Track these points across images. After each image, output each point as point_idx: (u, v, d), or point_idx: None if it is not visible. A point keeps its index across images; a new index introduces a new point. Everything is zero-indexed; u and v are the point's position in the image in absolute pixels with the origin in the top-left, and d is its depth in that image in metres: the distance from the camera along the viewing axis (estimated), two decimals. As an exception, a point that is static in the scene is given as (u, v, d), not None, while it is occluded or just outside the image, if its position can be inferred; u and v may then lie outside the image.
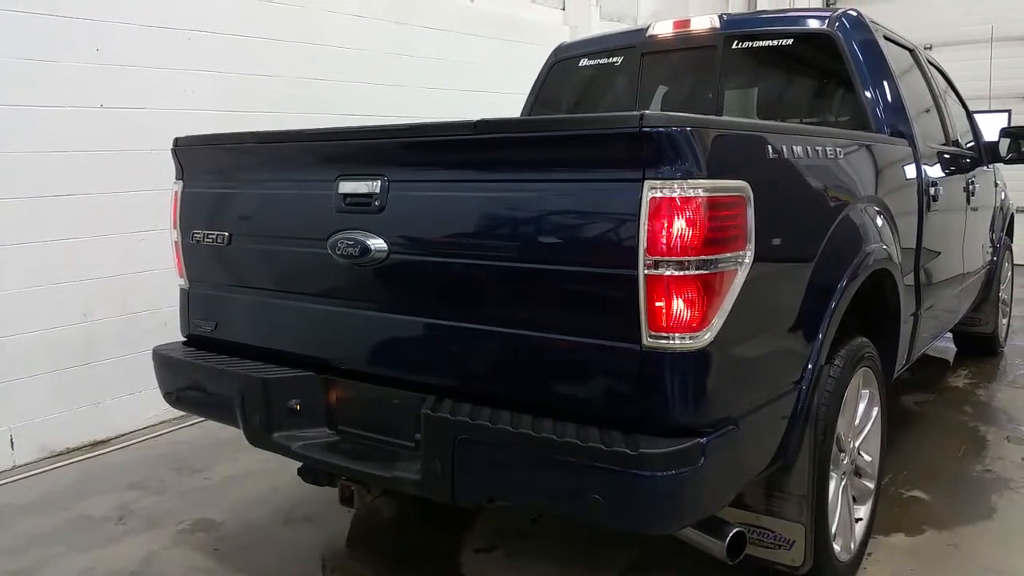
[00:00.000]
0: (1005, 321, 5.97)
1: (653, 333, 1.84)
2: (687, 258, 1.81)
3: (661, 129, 1.79)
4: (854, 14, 3.55)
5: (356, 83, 5.72)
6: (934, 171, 3.61)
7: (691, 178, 1.81)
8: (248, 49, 5.01)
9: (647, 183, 1.82)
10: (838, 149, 2.54)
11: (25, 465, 4.05)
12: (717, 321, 1.88)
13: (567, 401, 2.00)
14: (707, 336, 1.85)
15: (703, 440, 1.84)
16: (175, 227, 2.89)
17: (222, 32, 4.88)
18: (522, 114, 4.54)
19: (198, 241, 2.80)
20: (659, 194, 1.81)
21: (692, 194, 1.81)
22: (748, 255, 1.95)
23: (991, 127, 10.02)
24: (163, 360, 2.88)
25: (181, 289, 2.96)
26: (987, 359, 5.65)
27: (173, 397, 2.87)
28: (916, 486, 3.54)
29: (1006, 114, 10.25)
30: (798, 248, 2.28)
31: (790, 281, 2.25)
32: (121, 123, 4.41)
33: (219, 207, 2.77)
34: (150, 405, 4.31)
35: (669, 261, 1.81)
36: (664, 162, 1.81)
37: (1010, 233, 5.87)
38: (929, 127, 3.94)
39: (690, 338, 1.84)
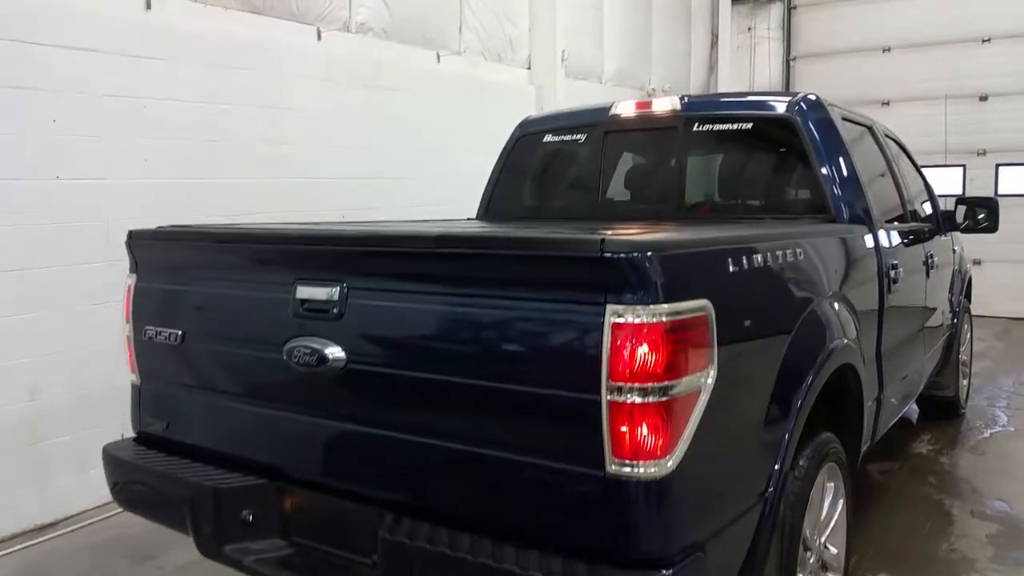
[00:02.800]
0: (965, 382, 6.04)
1: (617, 460, 1.80)
2: (650, 384, 1.79)
3: (622, 255, 1.78)
4: (813, 98, 3.60)
5: (323, 146, 5.69)
6: (893, 253, 3.64)
7: (653, 303, 1.79)
8: (210, 116, 4.95)
9: (609, 308, 1.80)
10: (798, 250, 2.55)
11: (-37, 555, 3.88)
12: (682, 446, 1.85)
13: (530, 525, 1.95)
14: (671, 463, 1.82)
15: (669, 572, 1.80)
16: (127, 321, 2.81)
17: (183, 99, 4.81)
18: (489, 181, 4.54)
19: (151, 338, 2.72)
20: (621, 320, 1.78)
21: (654, 320, 1.79)
22: (711, 374, 1.93)
23: (948, 181, 10.32)
24: (113, 461, 2.78)
25: (133, 384, 2.88)
26: (949, 421, 5.69)
27: (123, 499, 2.79)
28: (882, 568, 3.52)
29: (961, 169, 10.55)
30: (762, 358, 2.27)
31: (754, 392, 2.23)
32: (77, 194, 4.32)
33: (173, 304, 2.70)
34: (99, 484, 4.15)
35: (632, 388, 1.78)
36: (626, 288, 1.79)
37: (968, 295, 5.97)
38: (887, 202, 4.00)
39: (655, 466, 1.80)
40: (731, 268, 2.12)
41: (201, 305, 2.63)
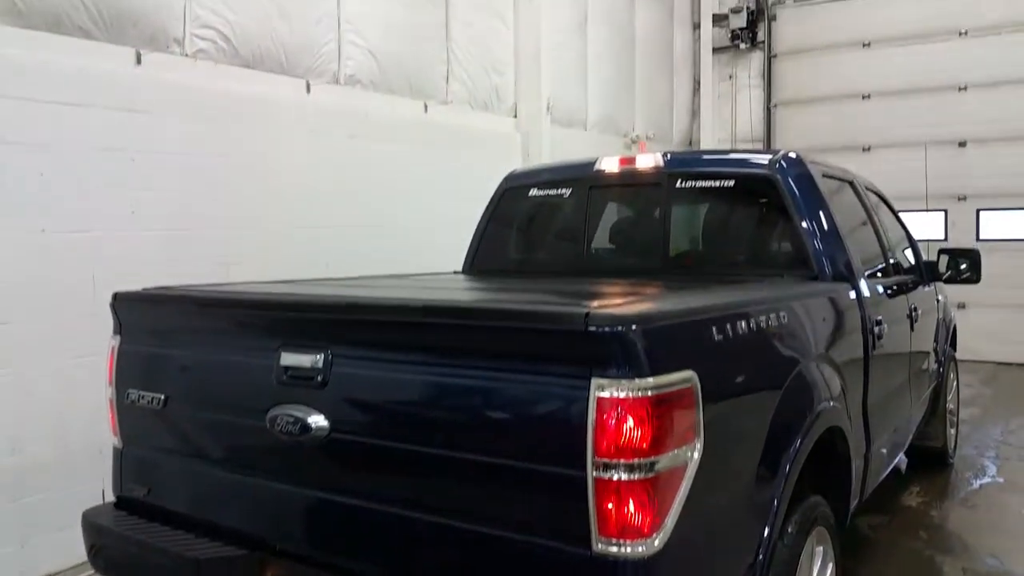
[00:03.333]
0: (953, 431, 6.04)
1: (604, 538, 1.79)
2: (636, 460, 1.78)
3: (606, 329, 1.78)
4: (793, 156, 3.64)
5: (311, 196, 5.69)
6: (876, 307, 3.65)
7: (638, 376, 1.79)
8: (199, 168, 4.95)
9: (594, 382, 1.79)
10: (782, 314, 2.55)
11: (-62, 618, 3.78)
12: (669, 522, 1.83)
13: (515, 603, 1.92)
14: (658, 542, 1.80)
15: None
16: (110, 384, 2.78)
17: (172, 152, 4.80)
18: (475, 234, 4.55)
19: (133, 401, 2.69)
20: (606, 394, 1.78)
21: (640, 394, 1.78)
22: (698, 446, 1.92)
23: (930, 226, 10.41)
24: (92, 527, 2.73)
25: (114, 448, 2.84)
26: (938, 471, 5.67)
27: (101, 567, 2.72)
28: (874, 629, 3.48)
29: (942, 214, 10.67)
30: (748, 425, 2.26)
31: (742, 460, 2.22)
32: (63, 247, 4.29)
33: (156, 368, 2.67)
34: (78, 543, 4.09)
35: (618, 464, 1.77)
36: (611, 362, 1.79)
37: (953, 344, 6.00)
38: (869, 256, 4.03)
39: (642, 544, 1.78)
40: (716, 337, 2.12)
41: (184, 369, 2.60)
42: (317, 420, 2.19)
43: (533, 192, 4.31)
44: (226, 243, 5.04)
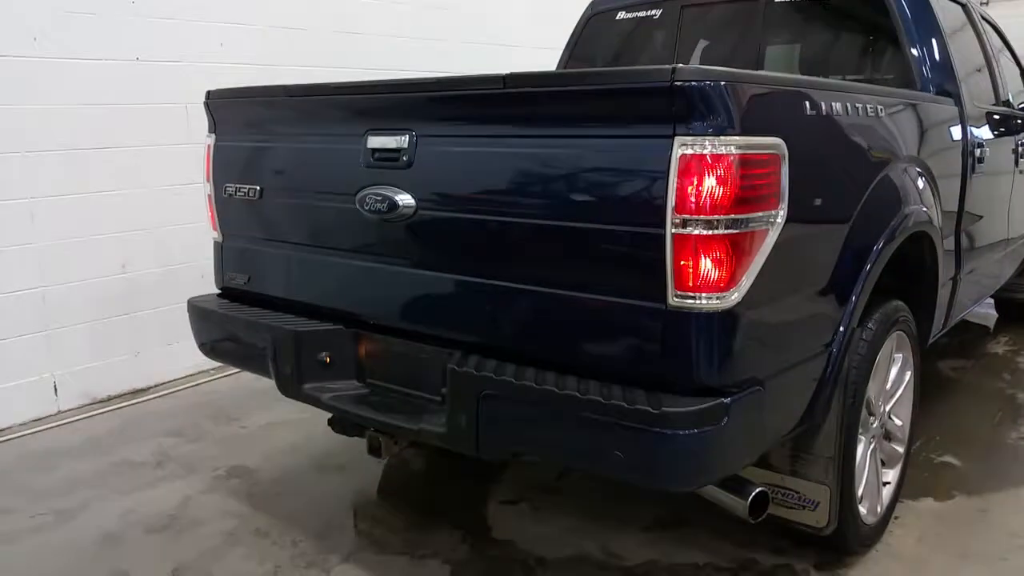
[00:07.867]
0: (1051, 287, 5.79)
1: (679, 293, 1.82)
2: (716, 217, 1.78)
3: (693, 83, 1.75)
4: (903, -32, 3.40)
5: (392, 36, 5.69)
6: (981, 132, 3.49)
7: (723, 135, 1.77)
8: (285, 4, 5.00)
9: (677, 139, 1.78)
10: (879, 107, 2.46)
11: (69, 411, 4.18)
12: (745, 282, 1.85)
13: (592, 359, 1.99)
14: (734, 296, 1.83)
15: (727, 400, 1.83)
16: (208, 180, 2.92)
17: (259, -14, 4.85)
18: (559, 64, 4.48)
19: (230, 195, 2.82)
20: (689, 151, 1.77)
21: (723, 151, 1.77)
22: (781, 215, 1.91)
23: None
24: (198, 312, 2.93)
25: (215, 242, 3.00)
26: (1029, 325, 5.51)
27: (208, 348, 2.94)
28: (948, 451, 3.50)
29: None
30: (834, 208, 2.23)
31: (824, 242, 2.20)
32: (156, 76, 4.44)
33: (250, 161, 2.78)
34: (187, 355, 4.36)
35: (698, 220, 1.78)
36: (696, 118, 1.77)
37: (1061, 196, 5.67)
38: (978, 86, 3.81)
39: (717, 298, 1.81)
40: (808, 111, 2.07)
41: (277, 160, 2.70)
42: (404, 198, 2.26)
43: (621, 16, 4.18)
44: (309, 79, 5.07)
